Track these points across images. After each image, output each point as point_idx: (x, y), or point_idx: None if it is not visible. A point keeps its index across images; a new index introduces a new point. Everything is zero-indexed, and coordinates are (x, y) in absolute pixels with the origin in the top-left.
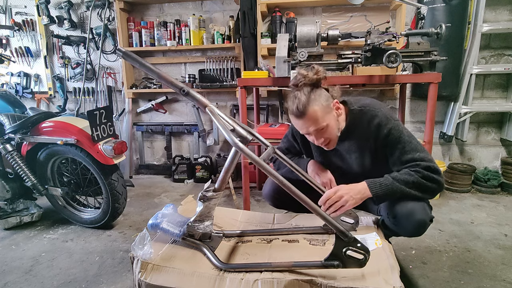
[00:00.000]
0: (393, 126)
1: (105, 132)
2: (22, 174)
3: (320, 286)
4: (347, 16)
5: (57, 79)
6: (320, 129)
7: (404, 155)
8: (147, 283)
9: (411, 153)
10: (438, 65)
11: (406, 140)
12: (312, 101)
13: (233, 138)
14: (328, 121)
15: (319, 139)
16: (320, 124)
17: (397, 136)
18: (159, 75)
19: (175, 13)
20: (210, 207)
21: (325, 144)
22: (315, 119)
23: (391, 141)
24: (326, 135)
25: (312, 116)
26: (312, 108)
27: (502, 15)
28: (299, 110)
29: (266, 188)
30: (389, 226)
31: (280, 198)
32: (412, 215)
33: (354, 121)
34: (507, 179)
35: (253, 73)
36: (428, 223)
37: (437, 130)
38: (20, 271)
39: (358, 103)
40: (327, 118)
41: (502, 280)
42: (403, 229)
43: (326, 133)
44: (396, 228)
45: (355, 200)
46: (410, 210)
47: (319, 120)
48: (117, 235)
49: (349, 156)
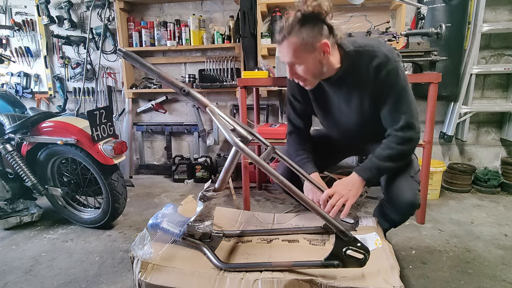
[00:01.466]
0: (392, 68)
1: (105, 132)
2: (22, 174)
3: (320, 286)
4: (347, 16)
5: (57, 79)
6: (292, 64)
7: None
8: (147, 283)
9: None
10: (438, 65)
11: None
12: (295, 32)
13: (233, 138)
14: (305, 61)
15: (292, 74)
16: (292, 59)
17: (394, 81)
18: (160, 75)
19: (175, 13)
20: (210, 207)
21: (300, 81)
22: (289, 52)
23: (386, 86)
24: (301, 73)
25: (288, 46)
26: (291, 39)
27: (502, 15)
28: (279, 34)
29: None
30: (384, 209)
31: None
32: (405, 196)
33: (350, 64)
34: (507, 179)
35: (253, 73)
36: (418, 205)
37: (437, 130)
38: (20, 271)
39: (354, 43)
40: (304, 57)
41: (502, 280)
42: (396, 209)
43: (299, 70)
44: (390, 209)
45: (354, 192)
46: (401, 191)
47: (293, 54)
48: (117, 235)
49: (349, 106)
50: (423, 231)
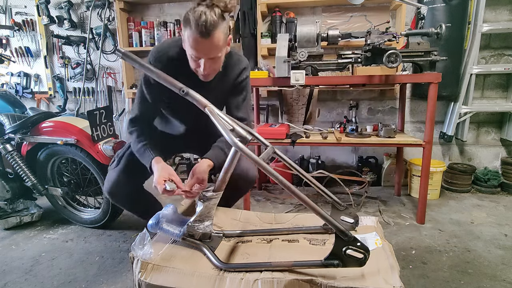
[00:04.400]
0: (249, 74)
1: (105, 132)
2: (22, 174)
3: (320, 286)
4: (347, 16)
5: (57, 79)
6: (212, 58)
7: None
8: (147, 283)
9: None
10: (438, 65)
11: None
12: (220, 26)
13: (232, 138)
14: (221, 54)
15: (207, 68)
16: (216, 54)
17: (247, 84)
18: (159, 75)
19: (175, 13)
20: (210, 207)
21: (207, 73)
22: (215, 46)
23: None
24: (215, 66)
25: (216, 41)
26: (218, 33)
27: (502, 15)
28: (207, 29)
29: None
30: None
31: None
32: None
33: (228, 60)
34: (507, 179)
35: (253, 73)
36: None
37: (437, 130)
38: (20, 271)
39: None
40: (222, 50)
41: (502, 280)
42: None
43: (216, 64)
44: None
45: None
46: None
47: (218, 48)
48: (117, 235)
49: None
50: (423, 231)
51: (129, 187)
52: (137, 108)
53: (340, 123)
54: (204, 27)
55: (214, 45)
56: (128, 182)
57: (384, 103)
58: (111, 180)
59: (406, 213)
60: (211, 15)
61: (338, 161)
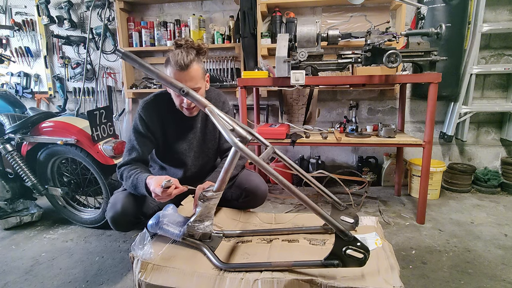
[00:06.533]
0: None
1: (105, 132)
2: (22, 174)
3: (320, 286)
4: (347, 16)
5: (57, 79)
6: (193, 89)
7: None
8: (147, 283)
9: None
10: (438, 65)
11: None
12: (196, 61)
13: (232, 138)
14: (202, 86)
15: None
16: (196, 84)
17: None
18: (159, 75)
19: (175, 13)
20: (210, 207)
21: (191, 106)
22: (194, 77)
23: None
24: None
25: (194, 73)
26: (195, 65)
27: (502, 15)
28: (184, 63)
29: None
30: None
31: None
32: (260, 188)
33: (209, 95)
34: (507, 179)
35: (253, 73)
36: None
37: (437, 130)
38: (20, 271)
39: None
40: (201, 83)
41: (502, 280)
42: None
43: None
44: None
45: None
46: (257, 184)
47: (197, 79)
48: (117, 235)
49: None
50: (423, 231)
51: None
52: (127, 155)
53: (340, 123)
54: (183, 61)
55: (192, 76)
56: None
57: (384, 103)
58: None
59: (406, 213)
60: (188, 53)
61: (338, 161)
